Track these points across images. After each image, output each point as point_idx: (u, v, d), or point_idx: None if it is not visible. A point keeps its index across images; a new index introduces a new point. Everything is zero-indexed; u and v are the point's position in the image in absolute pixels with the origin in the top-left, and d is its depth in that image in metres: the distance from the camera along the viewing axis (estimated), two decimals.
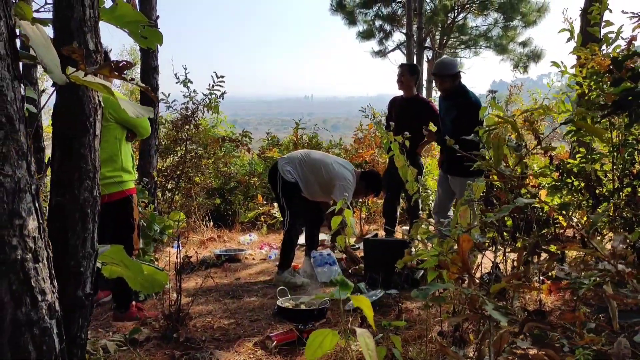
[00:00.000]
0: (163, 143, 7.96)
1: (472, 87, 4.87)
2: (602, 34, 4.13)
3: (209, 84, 7.95)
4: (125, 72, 1.67)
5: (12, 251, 1.52)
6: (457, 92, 4.39)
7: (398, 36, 16.51)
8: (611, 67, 2.52)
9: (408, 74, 5.19)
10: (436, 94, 11.90)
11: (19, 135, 1.55)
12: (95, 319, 3.35)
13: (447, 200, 4.56)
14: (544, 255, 3.98)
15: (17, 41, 1.66)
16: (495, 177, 2.80)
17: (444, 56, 5.23)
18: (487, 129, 1.71)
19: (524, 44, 16.11)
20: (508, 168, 1.58)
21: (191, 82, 8.19)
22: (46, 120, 9.65)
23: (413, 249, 2.90)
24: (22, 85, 1.63)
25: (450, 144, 2.05)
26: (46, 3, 2.40)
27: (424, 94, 14.81)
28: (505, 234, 3.60)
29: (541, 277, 3.43)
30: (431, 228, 2.14)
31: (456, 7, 15.80)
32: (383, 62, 17.40)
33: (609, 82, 2.77)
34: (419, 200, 4.46)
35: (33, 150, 5.87)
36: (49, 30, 2.17)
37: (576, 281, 1.55)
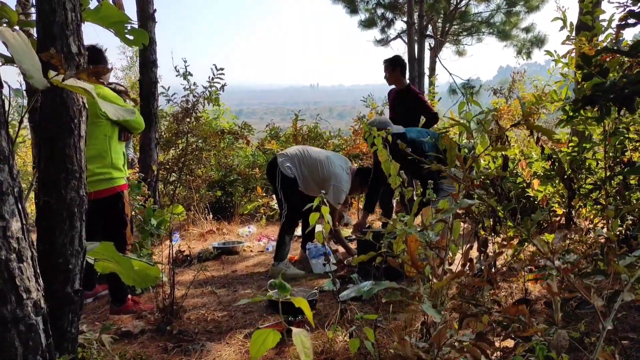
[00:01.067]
0: (164, 136, 8.03)
1: (476, 75, 4.93)
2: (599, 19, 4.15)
3: (209, 76, 7.99)
4: (101, 78, 1.71)
5: None
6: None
7: (400, 24, 16.44)
8: (581, 62, 2.55)
9: (390, 69, 5.35)
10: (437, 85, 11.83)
11: (0, 140, 1.60)
12: (93, 312, 3.44)
13: None
14: (531, 249, 4.03)
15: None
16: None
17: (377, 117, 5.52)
18: (442, 131, 1.74)
19: (527, 30, 15.96)
20: (460, 170, 1.61)
21: (191, 75, 8.21)
22: None
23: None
24: (2, 89, 1.68)
25: (403, 147, 2.09)
26: (33, 5, 2.45)
27: (425, 83, 14.74)
28: (487, 224, 3.65)
29: (529, 267, 3.47)
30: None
31: None
32: (387, 49, 17.25)
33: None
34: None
35: (35, 143, 5.85)
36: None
37: (546, 271, 1.59)
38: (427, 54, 15.10)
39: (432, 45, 15.75)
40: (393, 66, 5.36)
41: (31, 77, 1.65)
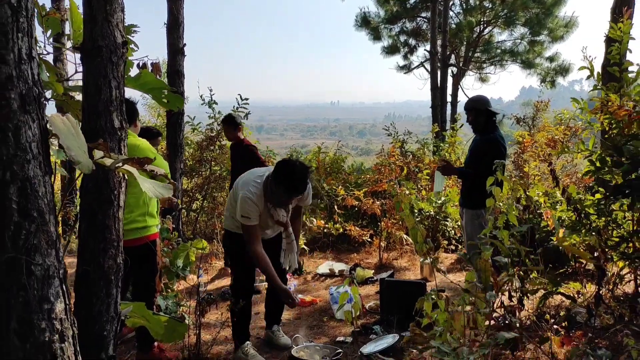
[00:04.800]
0: (189, 164, 8.16)
1: (498, 96, 4.91)
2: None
3: (234, 106, 8.12)
4: (145, 165, 1.79)
5: (41, 334, 1.65)
6: (483, 129, 4.37)
7: (422, 50, 16.50)
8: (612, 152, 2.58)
9: (225, 127, 5.95)
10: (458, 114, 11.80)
11: (49, 226, 1.68)
12: (119, 358, 3.49)
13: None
14: (557, 297, 3.99)
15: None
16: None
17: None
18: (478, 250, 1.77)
19: (551, 59, 15.86)
20: (493, 293, 1.65)
21: (216, 104, 8.37)
22: None
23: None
24: (52, 175, 1.76)
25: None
26: (76, 71, 2.55)
27: (448, 110, 14.69)
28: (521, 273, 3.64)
29: (554, 325, 3.44)
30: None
31: (481, 23, 15.69)
32: (410, 75, 17.17)
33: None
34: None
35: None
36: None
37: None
38: (449, 81, 15.11)
39: (455, 73, 15.75)
40: (226, 124, 5.93)
41: (78, 162, 1.73)
